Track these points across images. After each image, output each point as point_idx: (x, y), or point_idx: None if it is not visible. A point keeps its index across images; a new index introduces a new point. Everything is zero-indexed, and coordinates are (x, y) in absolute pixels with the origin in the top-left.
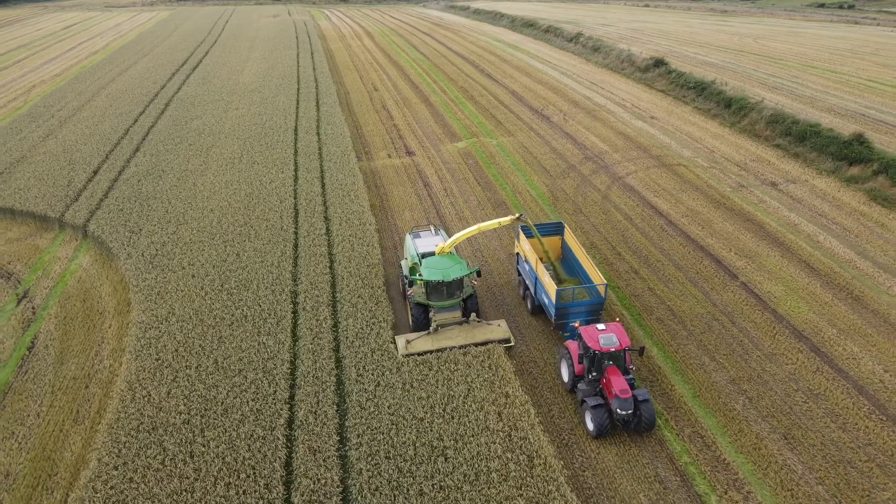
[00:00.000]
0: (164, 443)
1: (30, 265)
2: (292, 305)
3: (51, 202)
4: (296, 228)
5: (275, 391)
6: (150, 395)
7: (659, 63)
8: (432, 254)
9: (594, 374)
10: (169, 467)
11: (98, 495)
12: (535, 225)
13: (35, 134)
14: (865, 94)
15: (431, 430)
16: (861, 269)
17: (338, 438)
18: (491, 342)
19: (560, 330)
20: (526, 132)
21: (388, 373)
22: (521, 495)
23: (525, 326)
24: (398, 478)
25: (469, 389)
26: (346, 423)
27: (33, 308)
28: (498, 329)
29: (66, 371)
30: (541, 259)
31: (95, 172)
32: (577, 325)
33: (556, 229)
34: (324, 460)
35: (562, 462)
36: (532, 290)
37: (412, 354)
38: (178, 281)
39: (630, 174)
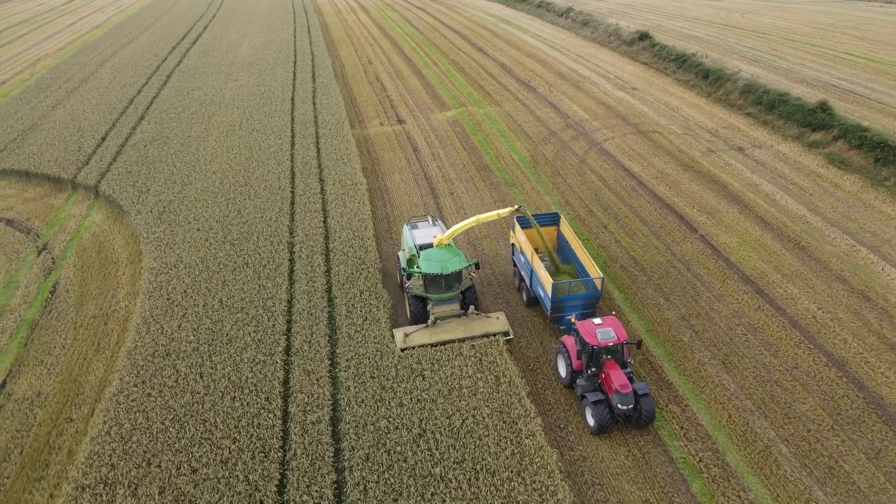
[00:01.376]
0: (177, 365)
1: (47, 221)
2: (289, 254)
3: (63, 165)
4: (292, 188)
5: (273, 325)
6: (162, 329)
7: (644, 37)
8: (430, 245)
9: (593, 369)
10: (182, 385)
11: (121, 406)
12: (533, 216)
13: (44, 104)
14: (839, 66)
15: (412, 357)
16: (810, 224)
17: (329, 363)
18: (490, 335)
19: (556, 323)
20: (512, 102)
21: (374, 310)
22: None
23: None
24: (381, 392)
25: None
26: (337, 351)
27: (52, 258)
28: (497, 321)
29: (86, 311)
30: (537, 250)
31: (103, 139)
32: (573, 320)
33: (552, 219)
34: (317, 379)
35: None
36: (528, 282)
37: (411, 348)
38: (185, 234)
39: (607, 140)
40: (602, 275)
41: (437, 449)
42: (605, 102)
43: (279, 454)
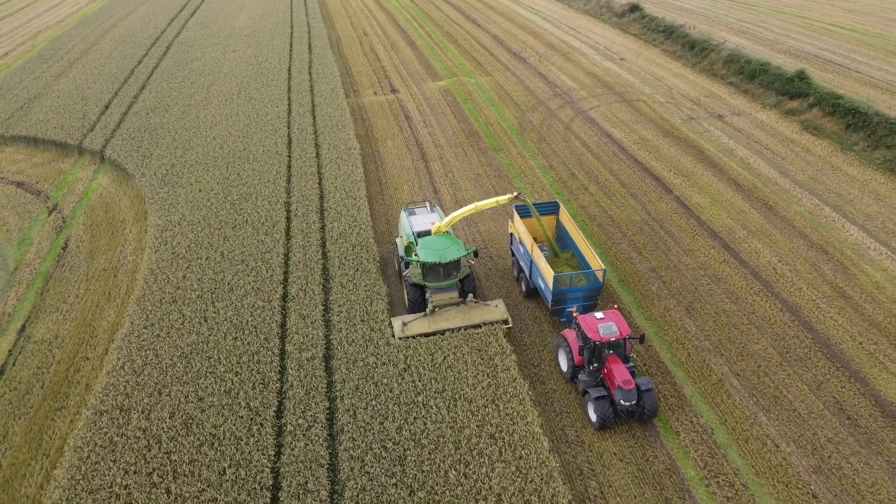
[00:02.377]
0: (183, 310)
1: (55, 184)
2: (286, 213)
3: (69, 132)
4: (289, 153)
5: (271, 275)
6: (168, 278)
7: (634, 8)
8: (428, 232)
9: (595, 364)
10: (188, 327)
11: (133, 346)
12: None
13: (47, 74)
14: (823, 37)
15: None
16: (780, 186)
17: (323, 308)
18: (489, 323)
19: (557, 316)
20: (503, 72)
21: (364, 262)
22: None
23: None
24: (370, 333)
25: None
26: (330, 298)
27: (63, 217)
28: (496, 310)
29: (96, 264)
30: (536, 239)
31: (107, 107)
32: (575, 314)
33: (551, 209)
34: (311, 322)
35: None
36: (527, 272)
37: (408, 337)
38: (187, 194)
39: (593, 108)
40: (604, 266)
41: (420, 381)
42: (593, 73)
43: (277, 385)
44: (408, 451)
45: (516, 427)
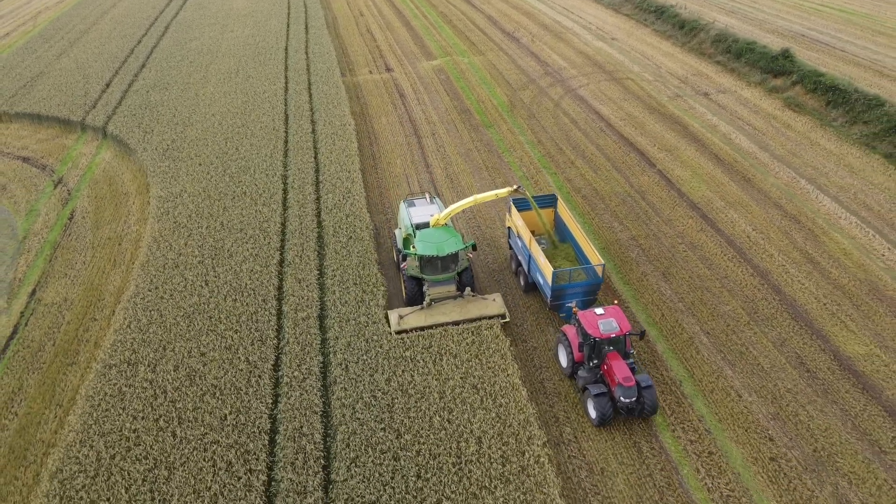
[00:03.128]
0: (185, 275)
1: (60, 159)
2: (283, 185)
3: (72, 109)
4: (286, 128)
5: (269, 242)
6: (171, 245)
7: None
8: (427, 224)
9: (595, 361)
10: (190, 289)
11: (138, 306)
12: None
13: (49, 53)
14: (812, 17)
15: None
16: (759, 160)
17: (317, 272)
18: (486, 318)
19: (556, 311)
20: (496, 52)
21: (358, 230)
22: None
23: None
24: (362, 295)
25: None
26: (324, 263)
27: (68, 190)
28: (493, 304)
29: (101, 234)
30: (533, 232)
31: (108, 85)
32: (574, 310)
33: (549, 201)
34: (306, 285)
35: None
36: (525, 267)
37: (405, 331)
38: (188, 168)
39: (582, 87)
40: (603, 262)
41: (407, 338)
42: (584, 52)
43: (274, 342)
44: (395, 400)
45: (497, 379)
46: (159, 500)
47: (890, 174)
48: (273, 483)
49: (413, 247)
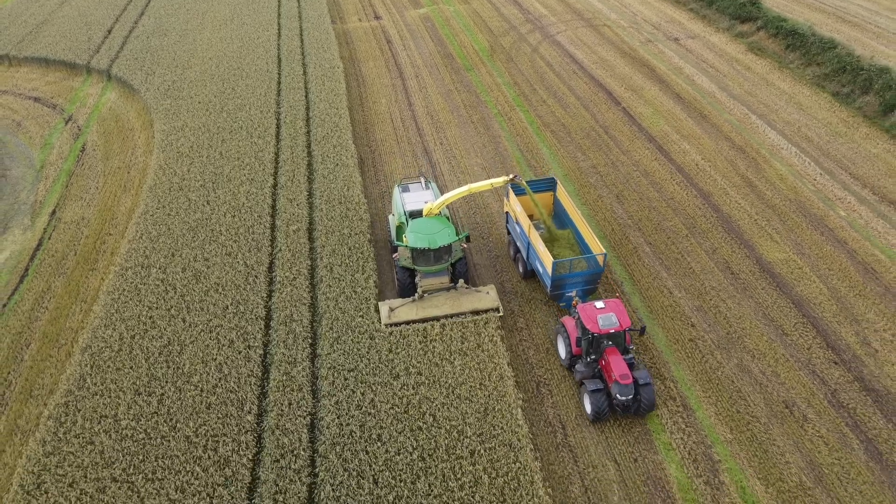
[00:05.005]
0: (189, 196)
1: (69, 99)
2: (276, 120)
3: (77, 53)
4: (279, 71)
5: (263, 168)
6: (175, 172)
7: None
8: (421, 212)
9: (593, 356)
10: (193, 208)
11: (148, 222)
12: (528, 182)
13: (51, 1)
14: None
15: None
16: (717, 99)
17: (307, 193)
18: (479, 311)
19: (556, 301)
20: (481, 1)
21: (344, 157)
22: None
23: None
24: (345, 212)
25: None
26: (314, 186)
27: (78, 126)
28: (486, 297)
29: (111, 164)
30: (532, 217)
31: (109, 31)
32: (574, 303)
33: (548, 185)
34: (297, 204)
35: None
36: (524, 254)
37: (396, 324)
38: (188, 105)
39: (560, 33)
40: (604, 251)
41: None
42: (565, 0)
43: (269, 249)
44: (371, 295)
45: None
46: (173, 368)
47: (834, 111)
48: (268, 356)
49: (405, 237)
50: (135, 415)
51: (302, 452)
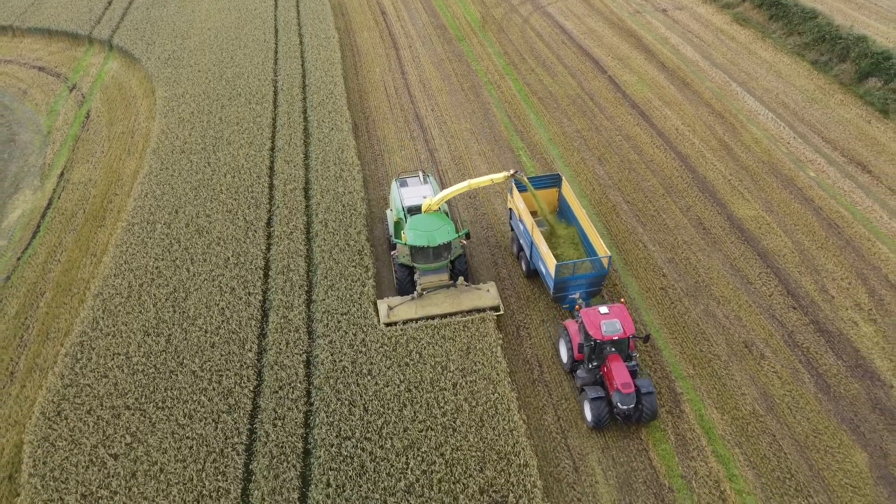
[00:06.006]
0: (191, 158)
1: (72, 68)
2: (273, 88)
3: (79, 24)
4: (276, 41)
5: (261, 133)
6: (177, 136)
7: None
8: (419, 208)
9: (595, 363)
10: (195, 169)
11: (153, 182)
12: (531, 178)
13: None
14: None
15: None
16: (700, 67)
17: (303, 155)
18: (479, 310)
19: (559, 303)
20: None
21: (339, 122)
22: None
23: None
24: (340, 173)
25: None
26: (310, 149)
27: (82, 94)
28: (487, 295)
29: (115, 129)
30: (535, 214)
31: (110, 3)
32: (578, 307)
33: (553, 181)
34: (294, 165)
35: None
36: (527, 252)
37: (395, 323)
38: (188, 74)
39: (550, 4)
40: (609, 253)
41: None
42: None
43: (267, 207)
44: (364, 248)
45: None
46: (179, 312)
47: (812, 78)
48: (267, 302)
49: (403, 235)
50: (145, 353)
51: (298, 385)
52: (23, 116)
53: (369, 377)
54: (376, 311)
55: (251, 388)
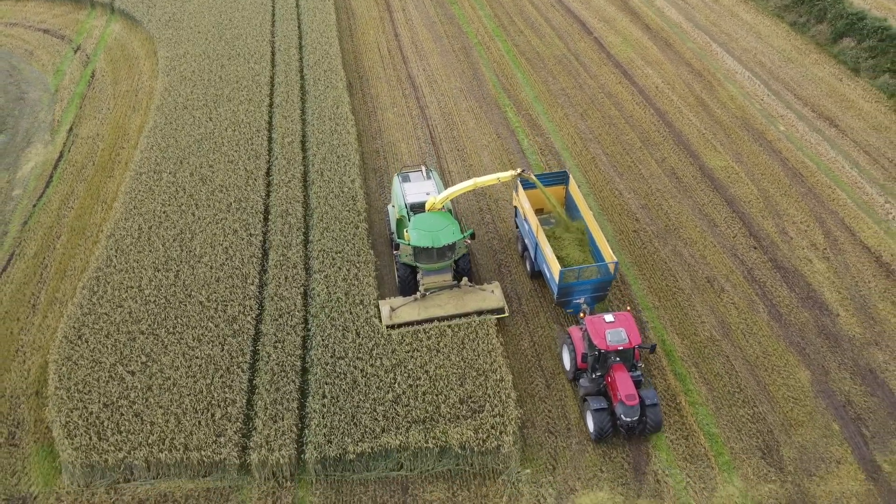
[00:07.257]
0: (193, 113)
1: (76, 31)
2: (271, 48)
3: None
4: (273, 4)
5: (260, 90)
6: (179, 93)
7: None
8: (422, 205)
9: (598, 373)
10: (197, 123)
11: (158, 135)
12: (538, 176)
13: None
14: None
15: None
16: (683, 29)
17: (300, 111)
18: (483, 312)
19: (563, 307)
20: None
21: (334, 80)
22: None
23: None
24: (335, 127)
25: None
26: (306, 105)
27: (87, 55)
28: (491, 296)
29: (120, 88)
30: (543, 210)
31: None
32: (582, 314)
33: (560, 179)
34: (291, 120)
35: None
36: (531, 253)
37: (397, 325)
38: (189, 35)
39: None
40: (615, 259)
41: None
42: None
43: (266, 158)
44: (357, 195)
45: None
46: (186, 251)
47: (790, 39)
48: (267, 242)
49: (406, 234)
50: (156, 286)
51: (297, 313)
52: (31, 76)
53: (361, 306)
54: (377, 309)
55: (254, 317)
